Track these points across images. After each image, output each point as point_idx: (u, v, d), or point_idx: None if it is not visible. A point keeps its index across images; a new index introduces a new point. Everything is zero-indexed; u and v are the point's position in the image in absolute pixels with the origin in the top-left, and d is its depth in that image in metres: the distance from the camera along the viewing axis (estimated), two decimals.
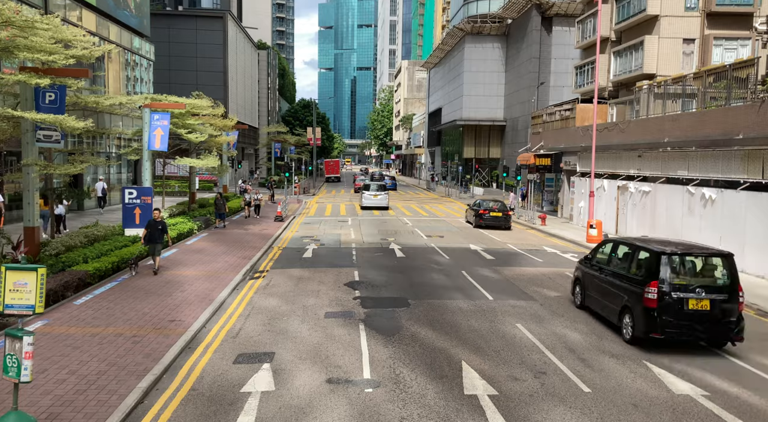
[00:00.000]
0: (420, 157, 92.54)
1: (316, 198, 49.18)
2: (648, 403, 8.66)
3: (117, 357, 9.72)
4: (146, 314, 12.32)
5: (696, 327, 10.63)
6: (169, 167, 35.53)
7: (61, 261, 14.85)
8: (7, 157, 24.81)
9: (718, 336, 10.91)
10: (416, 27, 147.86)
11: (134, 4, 38.17)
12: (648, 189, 23.85)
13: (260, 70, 80.00)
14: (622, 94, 31.36)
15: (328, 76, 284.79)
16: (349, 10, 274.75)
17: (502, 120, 58.81)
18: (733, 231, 18.82)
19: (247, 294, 14.78)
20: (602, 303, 12.63)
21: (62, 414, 7.67)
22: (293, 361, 10.07)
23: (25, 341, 6.96)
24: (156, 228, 16.12)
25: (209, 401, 8.45)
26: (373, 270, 18.16)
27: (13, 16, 13.89)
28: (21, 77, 14.18)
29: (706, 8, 28.12)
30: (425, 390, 8.97)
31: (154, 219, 16.24)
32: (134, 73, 38.99)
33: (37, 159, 15.97)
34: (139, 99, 22.67)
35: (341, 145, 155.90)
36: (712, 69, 21.68)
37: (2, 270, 7.25)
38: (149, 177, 22.65)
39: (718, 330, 10.73)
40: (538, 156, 36.36)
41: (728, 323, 10.68)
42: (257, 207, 32.14)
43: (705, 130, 19.78)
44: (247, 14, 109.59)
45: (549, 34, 49.01)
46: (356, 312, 13.19)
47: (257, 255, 19.90)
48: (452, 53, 66.20)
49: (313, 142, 67.41)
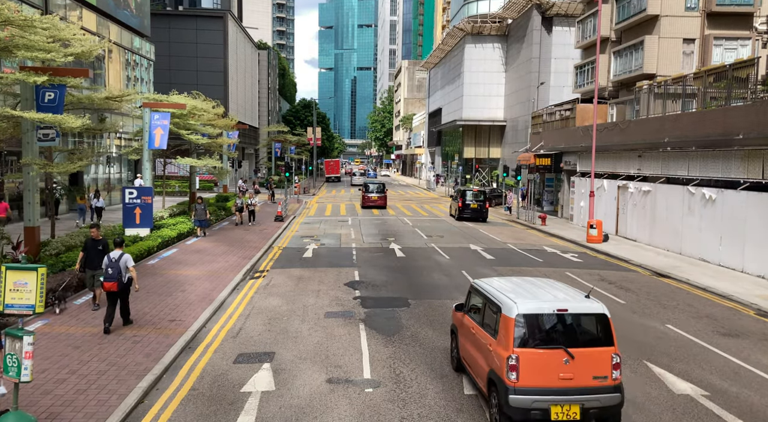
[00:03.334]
0: (420, 157, 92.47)
1: (316, 198, 49.17)
2: (648, 403, 8.66)
3: (117, 357, 9.72)
4: (146, 314, 12.32)
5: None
6: (169, 167, 35.55)
7: (61, 261, 14.85)
8: (7, 157, 24.83)
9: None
10: (416, 27, 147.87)
11: (134, 3, 38.16)
12: (648, 189, 23.84)
13: (260, 70, 79.99)
14: (622, 94, 31.34)
15: (328, 76, 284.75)
16: (349, 10, 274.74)
17: (502, 120, 58.77)
18: (733, 231, 18.81)
19: (247, 294, 14.77)
20: None
21: (62, 414, 7.66)
22: (293, 361, 10.07)
23: (26, 341, 6.96)
24: (95, 249, 12.23)
25: (209, 401, 8.45)
26: (373, 270, 18.15)
27: (12, 15, 13.89)
28: (19, 75, 14.19)
29: (706, 8, 28.09)
30: (425, 390, 8.96)
31: (92, 239, 12.31)
32: (134, 73, 38.99)
33: (37, 158, 15.97)
34: (136, 95, 22.68)
35: (341, 145, 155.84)
36: (712, 69, 21.67)
37: (2, 270, 7.25)
38: (149, 177, 22.68)
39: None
40: (538, 156, 36.34)
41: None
42: (252, 213, 28.33)
43: (705, 130, 19.77)
44: (247, 14, 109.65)
45: (549, 34, 48.96)
46: (356, 312, 13.19)
47: (257, 254, 19.90)
48: (452, 53, 66.17)
49: (313, 142, 67.41)
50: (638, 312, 13.68)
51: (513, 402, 7.12)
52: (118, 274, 10.86)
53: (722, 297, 15.44)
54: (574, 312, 7.57)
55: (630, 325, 12.61)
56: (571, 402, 7.10)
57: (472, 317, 8.91)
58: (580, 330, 7.57)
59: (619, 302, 14.63)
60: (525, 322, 7.39)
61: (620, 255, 21.36)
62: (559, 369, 7.18)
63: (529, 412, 7.11)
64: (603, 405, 7.20)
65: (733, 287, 16.22)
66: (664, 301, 14.92)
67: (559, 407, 7.08)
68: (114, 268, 10.85)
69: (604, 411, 7.22)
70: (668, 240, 22.47)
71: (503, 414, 7.25)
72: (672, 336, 11.94)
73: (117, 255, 11.02)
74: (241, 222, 27.87)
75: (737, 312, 14.13)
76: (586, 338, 7.50)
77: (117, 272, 10.86)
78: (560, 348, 7.28)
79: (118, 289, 10.92)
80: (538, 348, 7.32)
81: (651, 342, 11.49)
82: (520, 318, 7.38)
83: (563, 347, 7.25)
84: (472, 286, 9.22)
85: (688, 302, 14.95)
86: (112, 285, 10.83)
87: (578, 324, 7.58)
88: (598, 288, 16.02)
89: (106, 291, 10.92)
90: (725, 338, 11.90)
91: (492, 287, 8.49)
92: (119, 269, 10.89)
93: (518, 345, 7.29)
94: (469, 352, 8.81)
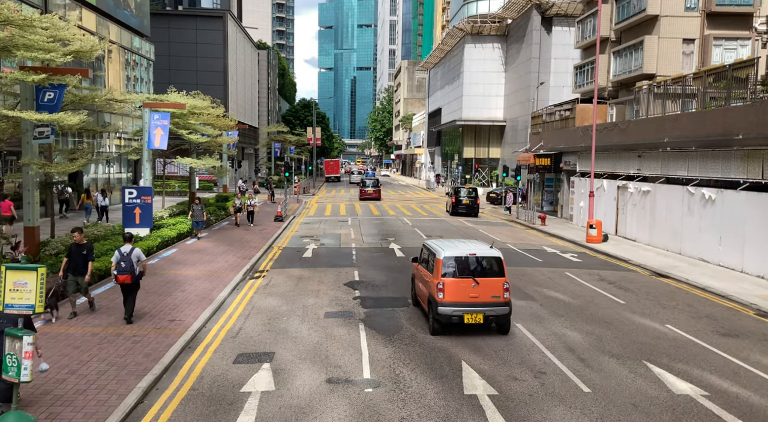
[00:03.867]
0: (420, 157, 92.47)
1: (316, 198, 49.18)
2: (648, 403, 8.66)
3: (117, 357, 9.72)
4: (146, 314, 12.32)
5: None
6: (169, 167, 35.54)
7: (60, 261, 14.83)
8: (7, 157, 24.83)
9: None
10: (416, 27, 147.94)
11: (134, 3, 38.16)
12: (648, 189, 23.85)
13: (260, 70, 79.99)
14: (622, 94, 31.35)
15: (328, 76, 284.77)
16: (349, 10, 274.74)
17: (502, 120, 58.80)
18: (732, 231, 18.82)
19: (247, 294, 14.77)
20: None
21: (62, 414, 7.66)
22: (293, 361, 10.07)
23: (25, 341, 6.96)
24: (79, 254, 11.90)
25: (209, 401, 8.45)
26: (373, 269, 18.15)
27: (12, 15, 13.89)
28: (18, 75, 14.18)
29: (706, 8, 28.10)
30: (425, 390, 8.97)
31: (76, 243, 12.00)
32: (134, 73, 38.98)
33: (37, 158, 15.97)
34: (137, 97, 22.70)
35: (341, 144, 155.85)
36: (712, 69, 21.67)
37: (2, 270, 7.25)
38: (149, 177, 22.67)
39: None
40: (538, 156, 36.34)
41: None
42: (250, 213, 27.53)
43: (705, 130, 19.78)
44: (247, 14, 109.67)
45: (549, 34, 48.97)
46: (356, 312, 13.19)
47: (257, 254, 19.90)
48: (452, 53, 66.19)
49: (313, 141, 67.42)
50: (638, 313, 13.69)
51: (441, 312, 11.27)
52: (130, 267, 11.33)
53: (722, 298, 15.44)
54: (480, 255, 11.69)
55: (629, 325, 12.61)
56: (476, 312, 11.27)
57: (421, 264, 13.10)
58: (483, 267, 11.70)
59: (619, 302, 14.63)
60: (448, 262, 11.49)
61: (620, 255, 21.37)
62: (469, 291, 11.33)
63: (451, 318, 11.23)
64: (497, 314, 11.40)
65: (732, 287, 16.22)
66: (664, 301, 14.92)
67: (470, 315, 11.23)
68: (126, 262, 11.30)
69: (498, 319, 11.49)
70: (668, 240, 22.48)
71: (436, 319, 11.43)
72: (671, 336, 11.94)
73: (128, 249, 11.43)
74: (238, 224, 27.26)
75: (737, 312, 14.13)
76: (487, 271, 11.61)
77: (129, 265, 11.33)
78: (470, 277, 11.34)
79: (132, 281, 11.39)
80: (455, 277, 11.34)
81: (650, 342, 11.49)
82: (446, 260, 11.52)
83: (472, 277, 11.42)
84: (423, 245, 13.15)
85: (688, 302, 14.95)
86: (126, 277, 11.29)
87: (481, 262, 11.73)
88: (598, 288, 16.06)
89: (120, 283, 11.38)
90: (725, 338, 11.90)
91: (433, 243, 12.69)
92: (131, 262, 11.35)
93: (443, 276, 11.38)
94: (419, 287, 13.00)
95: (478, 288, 11.21)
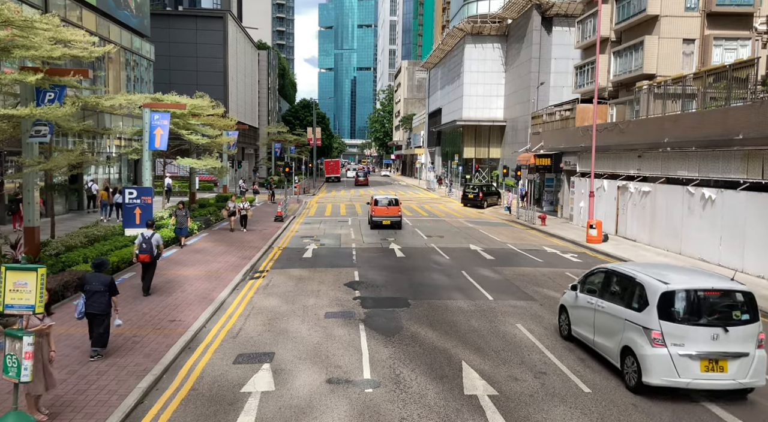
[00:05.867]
0: (420, 157, 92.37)
1: (316, 198, 49.17)
2: (648, 403, 8.66)
3: (117, 357, 9.72)
4: (146, 314, 12.32)
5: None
6: (169, 167, 35.54)
7: (61, 261, 14.85)
8: (7, 157, 24.82)
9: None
10: (416, 27, 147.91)
11: (134, 4, 38.17)
12: (648, 189, 23.84)
13: (260, 70, 79.95)
14: (622, 94, 31.34)
15: (328, 76, 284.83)
16: (349, 10, 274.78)
17: (502, 120, 58.77)
18: (733, 231, 18.81)
19: (247, 294, 14.78)
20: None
21: (62, 414, 7.67)
22: (293, 361, 10.07)
23: (25, 341, 6.96)
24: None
25: (209, 401, 8.45)
26: (373, 270, 18.16)
27: (12, 15, 13.88)
28: (17, 75, 14.16)
29: (706, 8, 28.10)
30: (425, 390, 8.97)
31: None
32: (134, 73, 38.99)
33: (38, 158, 15.96)
34: (139, 98, 22.68)
35: (341, 144, 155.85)
36: (712, 69, 21.67)
37: (2, 270, 7.25)
38: (149, 177, 22.65)
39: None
40: (538, 156, 36.33)
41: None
42: (243, 217, 26.08)
43: (705, 130, 19.77)
44: (247, 14, 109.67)
45: (549, 34, 48.95)
46: (356, 312, 13.19)
47: (257, 255, 19.90)
48: (452, 53, 66.15)
49: (313, 142, 67.38)
50: None
51: (372, 220, 27.55)
52: (150, 249, 13.64)
53: None
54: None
55: None
56: (386, 220, 27.16)
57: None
58: (389, 201, 27.80)
59: None
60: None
61: (620, 255, 21.36)
62: (386, 211, 27.14)
63: (377, 223, 27.25)
64: (396, 221, 27.33)
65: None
66: None
67: (387, 220, 27.14)
68: (147, 244, 13.63)
69: (395, 224, 27.41)
70: (668, 240, 22.48)
71: (371, 222, 27.67)
72: None
73: (149, 234, 13.85)
74: (232, 229, 25.75)
75: None
76: (393, 204, 27.59)
77: (150, 247, 13.64)
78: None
79: (150, 260, 13.73)
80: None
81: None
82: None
83: (386, 206, 27.52)
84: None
85: None
86: (146, 256, 13.64)
87: (390, 203, 27.75)
88: None
89: (141, 261, 13.73)
90: None
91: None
92: (152, 245, 13.67)
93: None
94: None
95: (389, 211, 16.31)
